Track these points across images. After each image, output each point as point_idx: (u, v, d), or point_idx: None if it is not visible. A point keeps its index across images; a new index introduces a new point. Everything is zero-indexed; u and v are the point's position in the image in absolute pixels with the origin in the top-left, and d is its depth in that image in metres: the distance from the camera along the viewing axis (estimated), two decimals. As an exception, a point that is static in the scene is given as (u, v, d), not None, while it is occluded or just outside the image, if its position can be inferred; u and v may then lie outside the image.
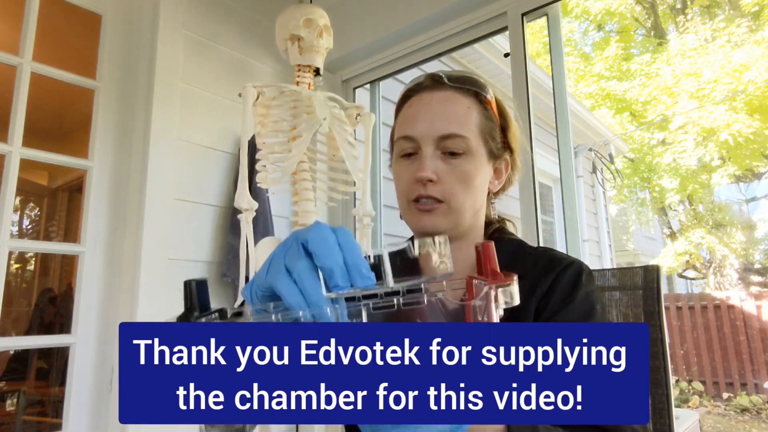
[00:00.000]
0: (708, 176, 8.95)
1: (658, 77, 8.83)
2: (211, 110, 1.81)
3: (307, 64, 1.54)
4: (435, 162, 0.66)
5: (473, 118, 0.68)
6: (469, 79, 0.70)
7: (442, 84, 0.70)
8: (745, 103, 7.72)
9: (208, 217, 1.75)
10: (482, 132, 0.69)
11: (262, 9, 2.04)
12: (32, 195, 4.23)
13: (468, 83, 0.70)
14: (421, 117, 0.68)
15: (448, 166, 0.66)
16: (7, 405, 3.06)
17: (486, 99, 0.70)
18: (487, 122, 0.70)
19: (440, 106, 0.68)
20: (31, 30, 1.53)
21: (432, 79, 0.71)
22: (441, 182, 0.65)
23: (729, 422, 5.38)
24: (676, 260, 9.13)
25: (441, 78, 0.70)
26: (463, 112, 0.68)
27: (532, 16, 1.73)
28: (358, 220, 1.60)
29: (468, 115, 0.68)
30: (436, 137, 0.66)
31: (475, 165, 0.67)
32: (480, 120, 0.68)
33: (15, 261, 4.04)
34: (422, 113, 0.68)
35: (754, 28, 8.57)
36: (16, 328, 3.57)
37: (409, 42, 2.04)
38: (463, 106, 0.68)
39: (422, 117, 0.68)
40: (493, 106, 0.71)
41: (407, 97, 0.72)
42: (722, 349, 6.20)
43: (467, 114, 0.68)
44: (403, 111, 0.72)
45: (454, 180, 0.66)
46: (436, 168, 0.66)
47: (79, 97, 1.83)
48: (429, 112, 0.68)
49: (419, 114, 0.68)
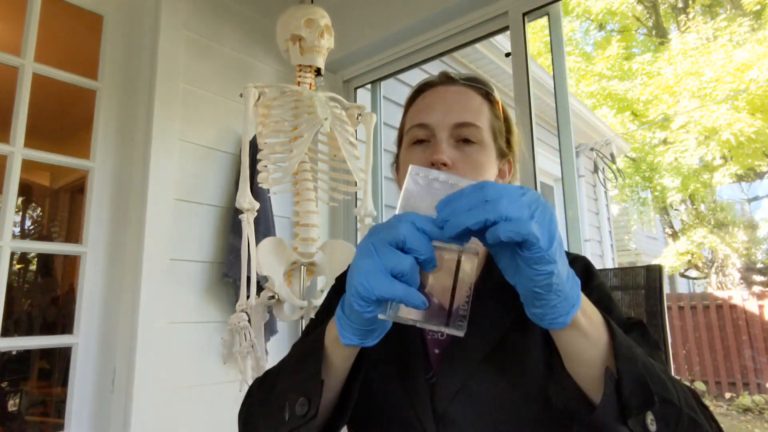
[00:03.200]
0: (710, 175, 8.93)
1: (660, 76, 8.81)
2: (212, 110, 1.81)
3: (309, 65, 1.54)
4: (449, 148, 0.66)
5: (485, 113, 0.69)
6: (479, 79, 0.73)
7: (454, 80, 0.72)
8: (747, 102, 7.70)
9: (209, 217, 1.75)
10: (492, 129, 0.70)
11: (264, 9, 2.04)
12: (34, 195, 4.24)
13: (479, 83, 0.72)
14: (437, 106, 0.69)
15: (461, 154, 0.66)
16: (9, 405, 3.07)
17: (495, 99, 0.72)
18: (496, 121, 0.71)
19: (456, 96, 0.69)
20: (32, 31, 1.53)
21: (445, 75, 0.73)
22: (455, 168, 0.65)
23: (731, 422, 5.37)
24: (678, 260, 9.11)
25: (453, 75, 0.73)
26: (476, 105, 0.69)
27: (533, 16, 1.72)
28: (360, 220, 1.60)
29: (481, 109, 0.69)
30: (451, 124, 0.67)
31: (487, 157, 0.68)
32: (491, 117, 0.70)
33: (17, 261, 4.05)
34: (438, 103, 0.69)
35: (755, 27, 8.54)
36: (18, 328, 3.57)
37: (410, 42, 2.04)
38: (476, 101, 0.70)
39: (438, 106, 0.69)
40: (500, 107, 0.73)
41: (420, 91, 0.74)
42: (724, 349, 6.19)
43: (480, 108, 0.69)
44: (416, 103, 0.73)
45: (467, 167, 0.66)
46: (451, 154, 0.66)
47: (80, 97, 1.83)
48: (445, 102, 0.69)
49: (435, 103, 0.69)
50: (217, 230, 1.76)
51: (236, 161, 1.83)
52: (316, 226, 1.49)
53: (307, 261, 1.48)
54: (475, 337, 0.60)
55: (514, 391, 0.59)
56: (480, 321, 0.61)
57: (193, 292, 1.66)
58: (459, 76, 0.72)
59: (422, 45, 2.01)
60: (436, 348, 0.66)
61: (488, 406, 0.59)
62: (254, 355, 1.38)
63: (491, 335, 0.62)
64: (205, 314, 1.68)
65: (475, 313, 0.62)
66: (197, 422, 1.61)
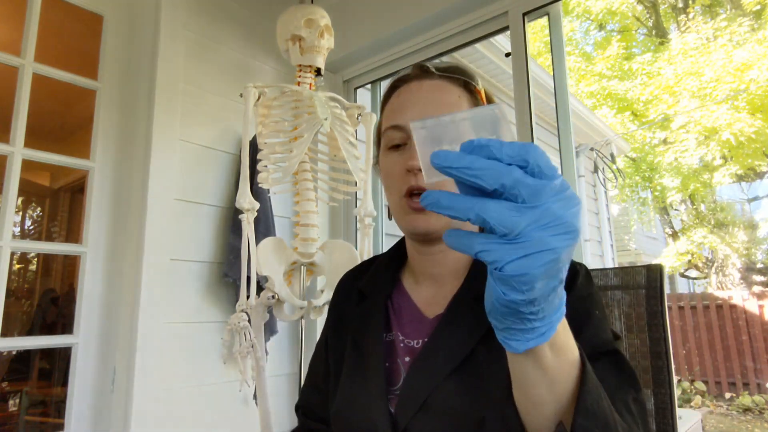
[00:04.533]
0: (710, 175, 8.93)
1: (660, 76, 8.81)
2: (212, 111, 1.81)
3: (308, 65, 1.54)
4: None
5: (464, 107, 0.64)
6: (457, 68, 0.67)
7: (430, 73, 0.66)
8: (747, 102, 7.69)
9: (209, 217, 1.75)
10: None
11: (263, 9, 2.04)
12: (34, 195, 4.24)
13: (456, 72, 0.67)
14: (411, 105, 0.65)
15: None
16: (9, 405, 3.07)
17: (476, 89, 0.67)
18: None
19: (430, 94, 0.65)
20: (32, 31, 1.53)
21: (419, 68, 0.68)
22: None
23: (731, 422, 5.37)
24: (678, 260, 9.10)
25: (428, 68, 0.67)
26: (453, 100, 0.64)
27: (533, 16, 1.72)
28: (360, 219, 1.60)
29: (459, 104, 0.64)
30: None
31: None
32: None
33: (17, 261, 4.05)
34: (411, 101, 0.65)
35: (755, 27, 8.54)
36: (18, 328, 3.58)
37: (410, 42, 2.04)
38: (453, 95, 0.65)
39: (411, 105, 0.65)
40: (482, 96, 0.68)
41: (395, 87, 0.69)
42: (724, 349, 6.18)
43: (458, 103, 0.64)
44: (390, 101, 0.69)
45: None
46: None
47: (80, 97, 1.83)
48: (418, 100, 0.65)
49: (408, 102, 0.65)
50: (217, 230, 1.76)
51: (236, 161, 1.83)
52: (316, 226, 1.49)
53: (307, 261, 1.48)
54: (445, 349, 0.59)
55: (475, 412, 0.55)
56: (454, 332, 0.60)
57: (193, 292, 1.66)
58: (435, 67, 0.67)
59: (422, 45, 2.01)
60: (407, 356, 0.64)
61: (448, 426, 0.56)
62: (254, 355, 1.38)
63: (460, 349, 0.58)
64: (205, 314, 1.68)
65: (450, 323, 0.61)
66: (197, 422, 1.61)
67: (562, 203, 0.32)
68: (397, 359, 0.64)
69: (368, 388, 0.62)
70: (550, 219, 0.31)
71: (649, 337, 0.81)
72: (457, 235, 0.34)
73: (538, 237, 0.31)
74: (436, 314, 0.65)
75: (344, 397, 0.65)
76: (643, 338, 0.82)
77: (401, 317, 0.68)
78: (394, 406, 0.59)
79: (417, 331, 0.65)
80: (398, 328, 0.67)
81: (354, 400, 0.63)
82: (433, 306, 0.66)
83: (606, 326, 0.58)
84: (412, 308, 0.68)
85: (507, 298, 0.32)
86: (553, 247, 0.31)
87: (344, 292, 0.78)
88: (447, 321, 0.62)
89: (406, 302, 0.69)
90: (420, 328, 0.65)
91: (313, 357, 0.79)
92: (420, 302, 0.68)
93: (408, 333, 0.66)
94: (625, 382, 0.52)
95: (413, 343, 0.64)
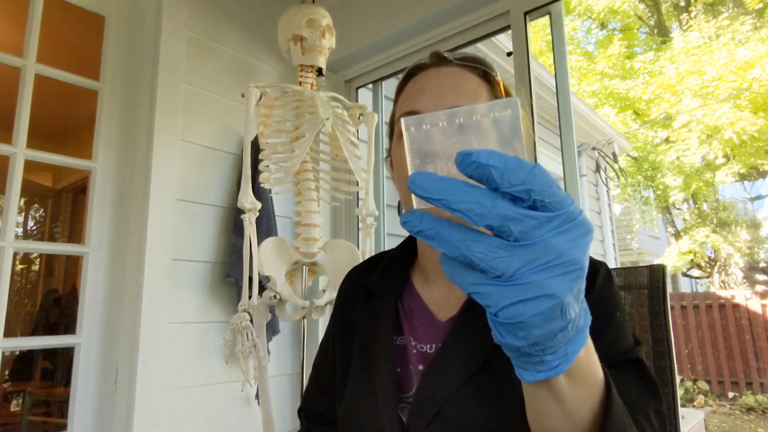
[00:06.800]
0: (712, 174, 8.91)
1: (662, 75, 8.79)
2: (213, 111, 1.81)
3: (310, 64, 1.54)
4: None
5: (483, 95, 0.62)
6: (476, 58, 0.65)
7: (448, 61, 0.64)
8: (750, 100, 7.67)
9: (211, 217, 1.75)
10: None
11: (265, 9, 2.04)
12: (37, 196, 4.26)
13: (476, 62, 0.64)
14: (428, 91, 0.62)
15: None
16: (12, 405, 3.08)
17: (495, 79, 0.64)
18: None
19: (449, 79, 0.62)
20: (34, 32, 1.54)
21: (437, 56, 0.65)
22: None
23: (734, 421, 5.36)
24: (681, 259, 9.08)
25: (446, 56, 0.64)
26: (473, 87, 0.62)
27: (534, 15, 1.72)
28: (362, 219, 1.60)
29: (478, 92, 0.62)
30: None
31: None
32: (490, 99, 0.62)
33: (20, 262, 4.06)
34: (429, 87, 0.62)
35: (758, 25, 8.51)
36: (21, 328, 3.59)
37: (411, 41, 2.03)
38: (472, 82, 0.62)
39: (429, 91, 0.62)
40: (501, 88, 0.65)
41: (411, 75, 0.66)
42: (727, 348, 6.17)
43: (477, 90, 0.62)
44: (406, 89, 0.66)
45: None
46: None
47: (82, 98, 1.83)
48: (437, 86, 0.62)
49: (426, 88, 0.62)
50: (219, 230, 1.77)
51: (238, 161, 1.83)
52: (318, 225, 1.49)
53: (308, 261, 1.48)
54: (460, 355, 0.56)
55: (492, 423, 0.52)
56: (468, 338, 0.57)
57: (195, 292, 1.66)
58: (453, 56, 0.64)
59: (424, 44, 2.01)
60: (420, 362, 0.61)
61: None
62: (256, 355, 1.38)
63: (476, 355, 0.56)
64: (207, 314, 1.69)
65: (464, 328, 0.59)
66: (199, 422, 1.61)
67: (566, 235, 0.28)
68: (410, 365, 0.62)
69: (378, 395, 0.60)
70: (549, 257, 0.27)
71: (652, 337, 0.81)
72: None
73: (534, 280, 0.27)
74: (449, 317, 0.63)
75: (352, 402, 0.63)
76: (646, 338, 0.82)
77: (412, 320, 0.66)
78: (406, 415, 0.57)
79: (429, 335, 0.63)
80: (410, 332, 0.64)
81: (362, 406, 0.61)
82: (445, 308, 0.64)
83: (627, 331, 0.55)
84: (424, 310, 0.65)
85: (504, 341, 0.29)
86: (551, 291, 0.27)
87: (351, 289, 0.76)
88: (460, 325, 0.59)
89: (417, 304, 0.67)
90: (432, 332, 0.63)
91: (317, 357, 0.77)
92: (431, 304, 0.66)
93: (420, 337, 0.63)
94: (647, 393, 0.50)
95: (426, 347, 0.62)
